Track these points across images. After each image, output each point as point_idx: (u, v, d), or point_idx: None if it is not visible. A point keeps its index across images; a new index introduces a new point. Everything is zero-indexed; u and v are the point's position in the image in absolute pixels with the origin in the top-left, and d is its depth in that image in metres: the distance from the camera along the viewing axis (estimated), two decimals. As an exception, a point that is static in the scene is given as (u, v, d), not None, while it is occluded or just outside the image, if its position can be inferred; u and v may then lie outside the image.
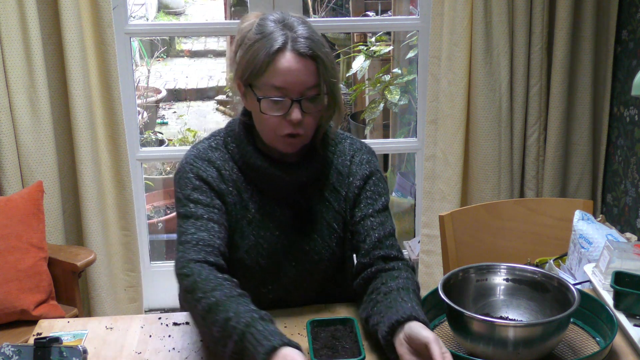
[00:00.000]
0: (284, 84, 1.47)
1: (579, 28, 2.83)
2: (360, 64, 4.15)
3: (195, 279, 1.43)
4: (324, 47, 1.50)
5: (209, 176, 1.57)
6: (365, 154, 1.68)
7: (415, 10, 3.68)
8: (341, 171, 1.65)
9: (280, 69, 1.46)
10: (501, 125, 2.85)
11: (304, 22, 1.52)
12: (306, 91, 1.49)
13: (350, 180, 1.64)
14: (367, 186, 1.64)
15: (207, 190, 1.56)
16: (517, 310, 1.55)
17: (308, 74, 1.48)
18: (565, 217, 2.08)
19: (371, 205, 1.63)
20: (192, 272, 1.44)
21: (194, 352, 1.51)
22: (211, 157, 1.60)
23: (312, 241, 1.63)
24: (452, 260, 2.08)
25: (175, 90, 6.64)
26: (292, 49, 1.46)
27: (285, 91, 1.48)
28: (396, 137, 4.08)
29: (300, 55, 1.46)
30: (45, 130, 2.64)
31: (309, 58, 1.47)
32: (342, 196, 1.64)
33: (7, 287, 2.31)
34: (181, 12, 7.90)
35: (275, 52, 1.46)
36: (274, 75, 1.47)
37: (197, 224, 1.52)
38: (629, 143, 2.83)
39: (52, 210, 2.69)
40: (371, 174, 1.65)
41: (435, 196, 2.97)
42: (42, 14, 2.61)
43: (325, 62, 1.48)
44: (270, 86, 1.48)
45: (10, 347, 1.40)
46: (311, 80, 1.48)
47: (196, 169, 1.57)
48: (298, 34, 1.47)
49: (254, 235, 1.60)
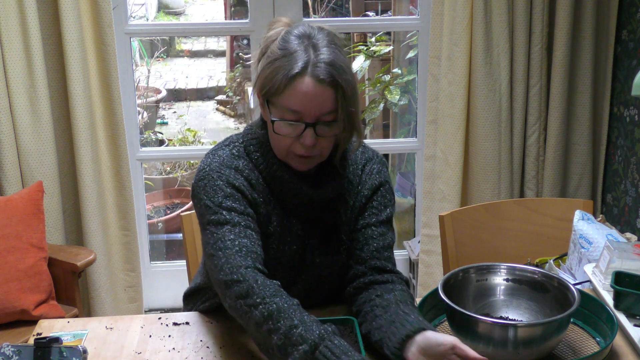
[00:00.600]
0: (300, 108, 1.43)
1: (579, 28, 2.83)
2: (360, 64, 4.15)
3: (252, 284, 1.39)
4: (345, 74, 1.44)
5: (241, 184, 1.52)
6: (377, 163, 1.66)
7: (415, 10, 3.68)
8: (352, 180, 1.62)
9: (297, 93, 1.42)
10: (501, 125, 2.85)
11: (331, 43, 1.46)
12: (322, 116, 1.45)
13: (359, 189, 1.62)
14: (374, 196, 1.62)
15: (241, 199, 1.50)
16: (517, 310, 1.55)
17: (325, 101, 1.43)
18: (565, 217, 2.08)
19: (375, 215, 1.61)
20: (244, 277, 1.40)
21: (194, 352, 1.51)
22: (238, 166, 1.54)
23: (323, 255, 1.60)
24: (452, 260, 2.08)
25: (175, 90, 6.64)
26: (312, 74, 1.41)
27: (300, 115, 1.44)
28: (396, 137, 4.08)
29: (319, 81, 1.41)
30: (45, 130, 2.64)
31: (328, 85, 1.42)
32: (349, 206, 1.61)
33: (7, 287, 2.31)
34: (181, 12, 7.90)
35: (294, 76, 1.42)
36: (290, 98, 1.43)
37: (235, 231, 1.46)
38: (629, 143, 2.83)
39: (52, 210, 2.69)
40: (380, 184, 1.63)
41: (435, 196, 2.97)
42: (42, 14, 2.61)
43: (345, 90, 1.43)
44: (286, 108, 1.45)
45: (10, 347, 1.40)
46: (328, 106, 1.44)
47: (225, 176, 1.51)
48: (320, 58, 1.42)
49: (273, 250, 1.56)
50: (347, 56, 1.51)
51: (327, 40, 1.46)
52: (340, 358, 1.28)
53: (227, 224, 1.47)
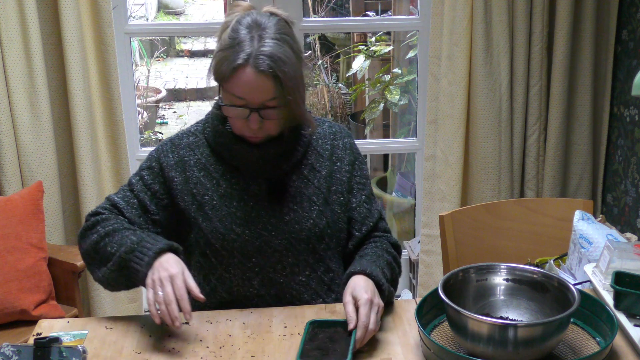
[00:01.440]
0: (244, 95, 1.56)
1: (579, 28, 2.83)
2: (360, 64, 4.15)
3: (98, 219, 1.67)
4: (284, 65, 1.54)
5: (166, 162, 1.71)
6: (346, 137, 1.80)
7: (415, 10, 3.68)
8: (321, 153, 1.75)
9: (240, 83, 1.55)
10: (501, 125, 2.85)
11: (278, 32, 1.58)
12: (265, 102, 1.57)
13: (338, 165, 1.76)
14: (354, 172, 1.78)
15: (155, 174, 1.71)
16: (517, 310, 1.55)
17: (267, 89, 1.56)
18: (565, 217, 2.08)
19: (362, 192, 1.78)
20: (96, 213, 1.69)
21: (193, 352, 1.51)
22: (182, 143, 1.73)
23: (292, 212, 1.69)
24: (452, 260, 2.08)
25: (175, 90, 6.64)
26: (253, 65, 1.53)
27: (245, 101, 1.57)
28: (396, 137, 4.08)
29: (259, 72, 1.53)
30: (45, 130, 2.64)
31: (267, 75, 1.54)
32: (322, 175, 1.73)
33: (7, 287, 2.31)
34: (181, 12, 7.90)
35: (236, 67, 1.54)
36: (235, 87, 1.56)
37: (127, 195, 1.72)
38: (629, 143, 2.83)
39: (52, 210, 2.69)
40: (355, 158, 1.79)
41: (435, 196, 2.97)
42: (42, 14, 2.61)
43: (282, 80, 1.54)
44: (232, 94, 1.58)
45: (10, 347, 1.40)
46: (270, 94, 1.56)
47: (160, 151, 1.73)
48: (261, 50, 1.54)
49: (226, 206, 1.68)
50: (296, 43, 1.63)
51: (274, 30, 1.58)
52: (149, 249, 1.55)
53: (130, 186, 1.73)
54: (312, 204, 1.71)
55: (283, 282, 1.69)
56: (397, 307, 1.68)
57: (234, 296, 1.70)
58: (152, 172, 1.72)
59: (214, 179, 1.70)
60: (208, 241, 1.67)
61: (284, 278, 1.69)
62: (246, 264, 1.67)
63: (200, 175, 1.70)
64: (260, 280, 1.69)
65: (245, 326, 1.60)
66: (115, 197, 1.72)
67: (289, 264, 1.69)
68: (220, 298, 1.71)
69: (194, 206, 1.69)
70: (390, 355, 1.49)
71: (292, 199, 1.70)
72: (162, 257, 1.54)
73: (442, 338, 1.53)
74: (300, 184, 1.71)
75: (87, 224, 1.68)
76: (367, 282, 1.56)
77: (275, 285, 1.69)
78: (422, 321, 1.50)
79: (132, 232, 1.62)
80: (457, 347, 1.48)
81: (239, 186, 1.69)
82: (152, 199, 1.70)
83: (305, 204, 1.70)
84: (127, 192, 1.72)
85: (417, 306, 1.52)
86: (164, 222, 1.72)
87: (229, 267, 1.68)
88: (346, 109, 4.91)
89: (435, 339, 1.52)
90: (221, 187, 1.69)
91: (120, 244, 1.59)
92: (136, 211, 1.70)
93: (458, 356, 1.39)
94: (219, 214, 1.67)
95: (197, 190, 1.69)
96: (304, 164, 1.73)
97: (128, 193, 1.72)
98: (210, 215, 1.67)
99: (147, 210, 1.70)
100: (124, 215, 1.69)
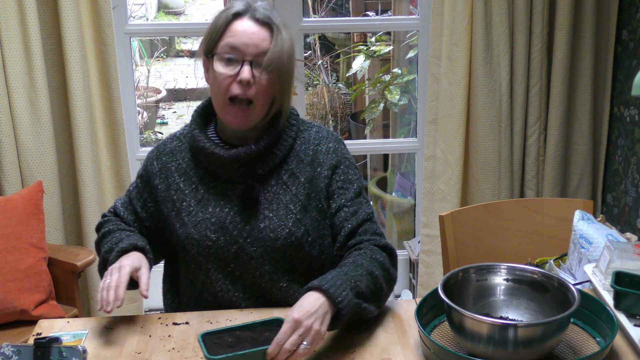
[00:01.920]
0: (238, 43, 1.58)
1: (579, 28, 2.83)
2: (360, 64, 4.15)
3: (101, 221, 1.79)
4: (279, 22, 1.60)
5: (151, 171, 1.74)
6: (332, 142, 1.73)
7: (415, 10, 3.68)
8: (302, 159, 1.69)
9: (236, 30, 1.58)
10: (501, 125, 2.85)
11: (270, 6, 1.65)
12: (259, 55, 1.58)
13: (318, 171, 1.69)
14: (335, 176, 1.70)
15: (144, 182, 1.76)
16: (517, 310, 1.55)
17: (262, 40, 1.58)
18: (565, 217, 2.08)
19: (343, 196, 1.68)
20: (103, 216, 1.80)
21: (193, 352, 1.51)
22: (166, 149, 1.76)
23: (267, 219, 1.65)
24: (452, 260, 2.08)
25: (175, 90, 6.64)
26: (250, 16, 1.59)
27: (238, 51, 1.58)
28: (396, 137, 4.08)
29: (256, 20, 1.59)
30: (45, 130, 2.64)
31: (265, 25, 1.59)
32: (300, 182, 1.68)
33: (7, 287, 2.31)
34: (181, 12, 7.90)
35: (233, 15, 1.59)
36: (230, 35, 1.59)
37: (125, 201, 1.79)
38: (629, 143, 2.83)
39: (52, 210, 2.69)
40: (338, 162, 1.70)
41: (435, 196, 2.97)
42: (42, 14, 2.61)
43: (280, 31, 1.59)
44: (225, 45, 1.59)
45: (10, 347, 1.40)
46: (264, 44, 1.58)
47: (147, 159, 1.78)
48: (258, 5, 1.61)
49: (202, 212, 1.67)
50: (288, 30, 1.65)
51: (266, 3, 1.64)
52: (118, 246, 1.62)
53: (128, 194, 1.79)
54: (289, 212, 1.66)
55: (265, 288, 1.67)
56: (397, 307, 1.68)
57: (220, 300, 1.69)
58: (142, 180, 1.77)
59: (193, 184, 1.70)
60: (184, 247, 1.67)
61: (265, 284, 1.67)
62: (225, 269, 1.66)
63: (181, 181, 1.71)
64: (242, 285, 1.68)
65: (244, 326, 1.60)
66: (117, 202, 1.80)
67: (267, 271, 1.66)
68: (207, 302, 1.70)
69: (173, 212, 1.70)
70: (390, 355, 1.49)
71: (268, 206, 1.66)
72: (127, 254, 1.61)
73: (442, 338, 1.53)
74: (279, 190, 1.67)
75: (98, 223, 1.80)
76: (318, 300, 1.42)
77: (258, 290, 1.68)
78: (422, 321, 1.50)
79: (120, 233, 1.70)
80: (457, 347, 1.48)
81: (216, 190, 1.68)
82: (142, 206, 1.75)
83: (282, 211, 1.65)
84: (125, 197, 1.80)
85: (417, 306, 1.52)
86: (154, 228, 1.75)
87: (209, 273, 1.67)
88: (346, 109, 4.91)
89: (435, 339, 1.52)
90: (199, 192, 1.69)
91: (107, 243, 1.68)
92: (131, 216, 1.77)
93: (458, 356, 1.39)
94: (194, 219, 1.67)
95: (177, 196, 1.70)
96: (284, 169, 1.68)
97: (126, 198, 1.79)
98: (186, 221, 1.67)
99: (139, 216, 1.76)
100: (122, 220, 1.77)
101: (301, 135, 1.72)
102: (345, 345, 1.52)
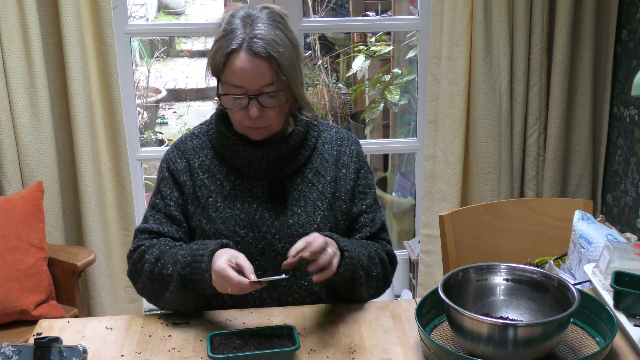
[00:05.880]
0: (240, 82, 1.56)
1: (579, 28, 2.83)
2: (360, 64, 4.15)
3: (142, 249, 1.66)
4: (279, 47, 1.55)
5: (175, 168, 1.71)
6: (354, 144, 1.78)
7: (415, 10, 3.68)
8: (327, 158, 1.74)
9: (235, 69, 1.55)
10: (501, 125, 2.85)
11: (270, 19, 1.59)
12: (263, 88, 1.57)
13: (343, 172, 1.74)
14: (359, 180, 1.76)
15: (170, 183, 1.71)
16: (517, 310, 1.55)
17: (262, 73, 1.55)
18: (565, 217, 2.08)
19: (363, 201, 1.75)
20: (137, 247, 1.67)
21: (194, 352, 1.51)
22: (187, 147, 1.73)
23: (296, 215, 1.68)
24: (452, 260, 2.08)
25: (175, 90, 6.64)
26: (247, 49, 1.54)
27: (242, 89, 1.57)
28: (396, 137, 4.08)
29: (253, 55, 1.54)
30: (45, 130, 2.64)
31: (262, 58, 1.54)
32: (326, 180, 1.72)
33: (7, 287, 2.31)
34: (181, 12, 7.90)
35: (230, 53, 1.55)
36: (230, 74, 1.57)
37: (157, 216, 1.70)
38: (629, 143, 2.83)
39: (52, 210, 2.69)
40: (360, 167, 1.77)
41: (435, 196, 2.97)
42: (42, 14, 2.61)
43: (279, 62, 1.54)
44: (229, 84, 1.58)
45: (10, 347, 1.40)
46: (267, 78, 1.56)
47: (168, 159, 1.73)
48: (254, 34, 1.54)
49: (230, 208, 1.67)
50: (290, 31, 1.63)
51: (266, 17, 1.59)
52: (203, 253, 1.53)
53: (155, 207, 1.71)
54: (317, 208, 1.69)
55: (285, 286, 1.68)
56: (397, 307, 1.68)
57: (235, 299, 1.69)
58: (167, 183, 1.72)
59: (217, 181, 1.69)
60: None
61: (286, 281, 1.67)
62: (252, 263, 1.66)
63: (204, 177, 1.70)
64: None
65: (245, 326, 1.60)
66: (145, 225, 1.71)
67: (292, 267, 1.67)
68: (222, 302, 1.70)
69: (199, 209, 1.69)
70: (390, 355, 1.49)
71: (296, 203, 1.69)
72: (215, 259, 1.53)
73: (442, 338, 1.53)
74: (305, 188, 1.70)
75: (133, 260, 1.67)
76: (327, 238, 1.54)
77: (278, 289, 1.68)
78: (422, 321, 1.50)
79: (179, 248, 1.62)
80: (457, 347, 1.48)
81: (242, 187, 1.69)
82: (176, 208, 1.70)
83: (310, 208, 1.69)
84: (154, 214, 1.71)
85: (417, 306, 1.53)
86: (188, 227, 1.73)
87: None
88: (346, 109, 4.91)
89: (435, 339, 1.52)
90: (225, 189, 1.69)
91: (174, 263, 1.58)
92: (171, 227, 1.69)
93: (458, 356, 1.39)
94: (222, 216, 1.67)
95: (201, 193, 1.69)
96: (308, 168, 1.72)
97: (155, 214, 1.71)
98: (214, 217, 1.67)
99: (178, 221, 1.70)
100: (164, 236, 1.69)
101: (322, 135, 1.76)
102: (345, 345, 1.52)
